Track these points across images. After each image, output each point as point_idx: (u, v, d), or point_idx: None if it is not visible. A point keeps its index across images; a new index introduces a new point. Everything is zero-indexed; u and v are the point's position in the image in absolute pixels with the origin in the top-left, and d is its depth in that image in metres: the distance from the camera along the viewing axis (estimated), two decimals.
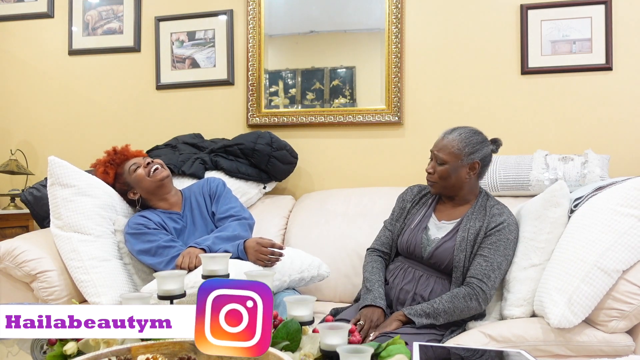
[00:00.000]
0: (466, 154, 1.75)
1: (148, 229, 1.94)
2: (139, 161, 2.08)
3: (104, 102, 2.97)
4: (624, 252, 1.55)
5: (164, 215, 2.04)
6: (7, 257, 1.94)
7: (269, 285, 1.23)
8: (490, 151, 1.81)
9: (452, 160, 1.76)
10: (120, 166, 2.10)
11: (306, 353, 1.07)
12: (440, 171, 1.78)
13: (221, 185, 2.16)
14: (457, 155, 1.76)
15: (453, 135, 1.78)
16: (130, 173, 2.06)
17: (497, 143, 1.84)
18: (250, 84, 2.75)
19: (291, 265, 1.94)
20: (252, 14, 2.74)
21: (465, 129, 1.80)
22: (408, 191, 1.97)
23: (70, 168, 2.05)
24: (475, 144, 1.77)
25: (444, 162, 1.77)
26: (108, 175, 2.09)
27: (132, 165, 2.07)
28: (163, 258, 1.88)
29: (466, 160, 1.76)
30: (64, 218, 1.98)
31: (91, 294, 1.88)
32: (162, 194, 2.08)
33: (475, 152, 1.76)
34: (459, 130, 1.79)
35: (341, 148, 2.69)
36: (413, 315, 1.63)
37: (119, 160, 2.10)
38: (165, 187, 2.07)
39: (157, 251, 1.89)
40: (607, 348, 1.54)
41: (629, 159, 2.35)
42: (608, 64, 2.37)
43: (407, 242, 1.82)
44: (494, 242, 1.72)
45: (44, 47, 3.05)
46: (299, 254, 2.02)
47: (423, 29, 2.59)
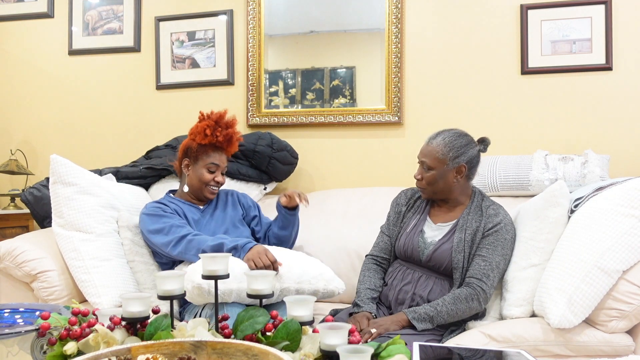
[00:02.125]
0: (451, 158, 1.75)
1: (164, 212, 1.95)
2: (222, 166, 2.04)
3: (104, 102, 2.97)
4: (624, 252, 1.55)
5: (183, 205, 2.05)
6: (7, 257, 1.94)
7: (269, 285, 1.24)
8: (477, 152, 1.80)
9: (438, 165, 1.76)
10: (214, 147, 2.02)
11: (306, 353, 1.07)
12: (428, 177, 1.78)
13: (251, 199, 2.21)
14: (442, 161, 1.75)
15: (437, 141, 1.78)
16: (205, 165, 2.01)
17: (484, 142, 1.83)
18: (250, 84, 2.75)
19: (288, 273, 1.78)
20: (252, 14, 2.74)
21: (449, 133, 1.79)
22: (402, 195, 1.97)
23: (72, 166, 2.05)
24: (459, 148, 1.76)
25: (431, 168, 1.77)
26: (204, 137, 1.98)
27: (213, 163, 2.02)
28: (174, 236, 1.86)
29: (452, 165, 1.75)
30: (65, 216, 1.98)
31: (91, 294, 1.88)
32: (197, 196, 2.08)
33: (460, 155, 1.76)
34: (442, 135, 1.79)
35: (341, 148, 2.69)
36: (416, 320, 1.62)
37: (221, 141, 2.01)
38: (204, 198, 2.08)
39: (170, 230, 1.88)
40: (607, 348, 1.54)
41: (629, 159, 2.35)
42: (608, 64, 2.37)
43: (404, 246, 1.82)
44: (492, 242, 1.72)
45: (44, 47, 3.05)
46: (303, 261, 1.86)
47: (423, 29, 2.59)
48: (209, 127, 1.98)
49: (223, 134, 2.00)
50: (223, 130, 2.00)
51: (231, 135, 2.03)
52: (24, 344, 1.16)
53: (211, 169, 2.02)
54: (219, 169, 2.04)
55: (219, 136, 1.99)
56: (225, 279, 1.25)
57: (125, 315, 1.15)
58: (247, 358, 1.03)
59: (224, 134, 2.00)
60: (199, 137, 1.99)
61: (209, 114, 2.03)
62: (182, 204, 2.05)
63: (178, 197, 2.10)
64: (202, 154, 2.01)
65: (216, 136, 1.98)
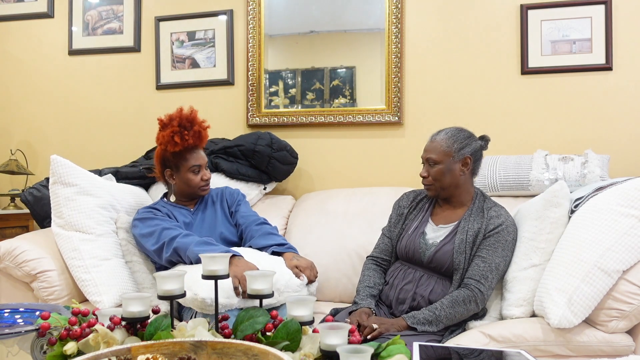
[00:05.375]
0: (456, 149, 1.78)
1: (155, 215, 1.98)
2: (203, 163, 2.05)
3: (103, 102, 2.97)
4: (624, 253, 1.55)
5: (173, 208, 2.07)
6: (7, 257, 1.94)
7: (269, 285, 1.24)
8: (479, 146, 1.83)
9: (443, 158, 1.78)
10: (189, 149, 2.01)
11: (306, 353, 1.07)
12: (434, 172, 1.79)
13: (241, 194, 2.20)
14: (447, 153, 1.78)
15: (440, 136, 1.82)
16: (187, 170, 2.02)
17: (485, 139, 1.86)
18: (250, 84, 2.75)
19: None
20: (252, 14, 2.74)
21: (451, 128, 1.84)
22: (404, 197, 1.97)
23: (73, 167, 2.05)
24: (462, 140, 1.80)
25: (437, 162, 1.79)
26: (175, 145, 1.97)
27: (195, 165, 2.02)
28: (163, 240, 1.88)
29: (457, 157, 1.78)
30: (65, 217, 1.99)
31: (92, 293, 1.88)
32: (189, 197, 2.11)
33: (464, 147, 1.79)
34: (445, 131, 1.83)
35: (341, 148, 2.69)
36: (416, 324, 1.63)
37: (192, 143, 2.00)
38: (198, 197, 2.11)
39: (161, 233, 1.90)
40: (607, 348, 1.54)
41: (629, 159, 2.35)
42: (608, 64, 2.37)
43: (405, 247, 1.82)
44: (492, 243, 1.73)
45: (44, 47, 3.05)
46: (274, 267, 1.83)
47: (423, 29, 2.59)
48: (175, 133, 1.96)
49: (191, 135, 1.99)
50: (190, 132, 1.99)
51: (199, 131, 2.02)
52: (24, 344, 1.16)
53: (195, 170, 2.03)
54: (202, 167, 2.05)
55: (188, 139, 1.98)
56: (226, 279, 1.25)
57: (125, 315, 1.15)
58: (247, 358, 1.03)
59: (192, 134, 1.99)
60: (170, 145, 1.98)
61: (169, 118, 2.00)
62: (174, 207, 2.07)
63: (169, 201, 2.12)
64: (180, 160, 2.02)
65: (186, 140, 1.97)
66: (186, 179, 2.03)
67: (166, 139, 1.97)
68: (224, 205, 2.15)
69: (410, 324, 1.63)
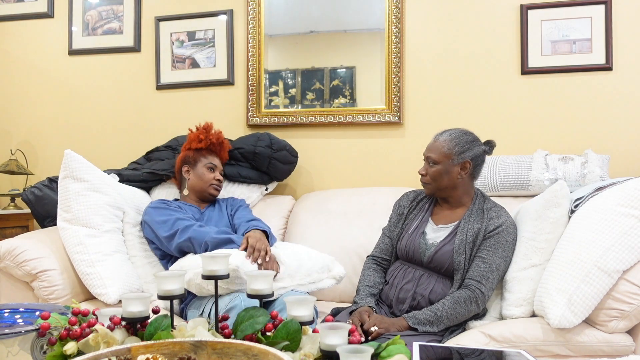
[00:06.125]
0: (456, 152, 1.77)
1: (168, 206, 2.09)
2: (219, 167, 2.26)
3: (103, 102, 2.97)
4: (624, 252, 1.55)
5: (184, 205, 2.16)
6: (7, 256, 1.94)
7: (269, 285, 1.24)
8: (482, 151, 1.81)
9: (443, 160, 1.77)
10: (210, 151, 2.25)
11: (306, 353, 1.07)
12: (433, 172, 1.79)
13: (245, 202, 2.33)
14: (447, 155, 1.77)
15: (444, 137, 1.81)
16: (203, 166, 2.21)
17: (490, 144, 1.84)
18: (250, 84, 2.75)
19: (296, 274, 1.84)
20: (252, 14, 2.74)
21: (456, 130, 1.82)
22: (404, 197, 1.97)
23: (85, 163, 2.10)
24: (465, 144, 1.78)
25: (436, 163, 1.78)
26: (199, 142, 2.23)
27: (211, 163, 2.23)
28: (177, 228, 1.97)
29: (457, 160, 1.77)
30: (73, 211, 2.01)
31: (96, 286, 1.90)
32: (200, 196, 2.23)
33: (465, 151, 1.77)
34: (449, 132, 1.82)
35: (341, 148, 2.69)
36: (417, 324, 1.63)
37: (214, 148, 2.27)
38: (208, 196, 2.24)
39: (175, 222, 1.99)
40: (607, 348, 1.54)
41: (629, 159, 2.35)
42: (608, 64, 2.37)
43: (405, 247, 1.82)
44: (492, 244, 1.72)
45: (44, 47, 3.05)
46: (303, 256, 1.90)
47: (423, 29, 2.59)
48: (201, 133, 2.26)
49: (215, 136, 2.28)
50: (214, 135, 2.28)
51: (222, 138, 2.30)
52: (24, 344, 1.16)
53: (210, 168, 2.22)
54: (217, 169, 2.25)
55: (212, 138, 2.26)
56: (226, 279, 1.25)
57: (125, 315, 1.15)
58: (247, 358, 1.03)
59: (216, 136, 2.28)
60: (194, 143, 2.24)
61: (197, 126, 2.30)
62: (184, 204, 2.17)
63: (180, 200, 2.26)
64: (199, 157, 2.24)
65: (209, 139, 2.25)
66: (201, 173, 2.20)
67: (192, 138, 2.26)
68: (227, 210, 2.24)
69: (411, 324, 1.63)
